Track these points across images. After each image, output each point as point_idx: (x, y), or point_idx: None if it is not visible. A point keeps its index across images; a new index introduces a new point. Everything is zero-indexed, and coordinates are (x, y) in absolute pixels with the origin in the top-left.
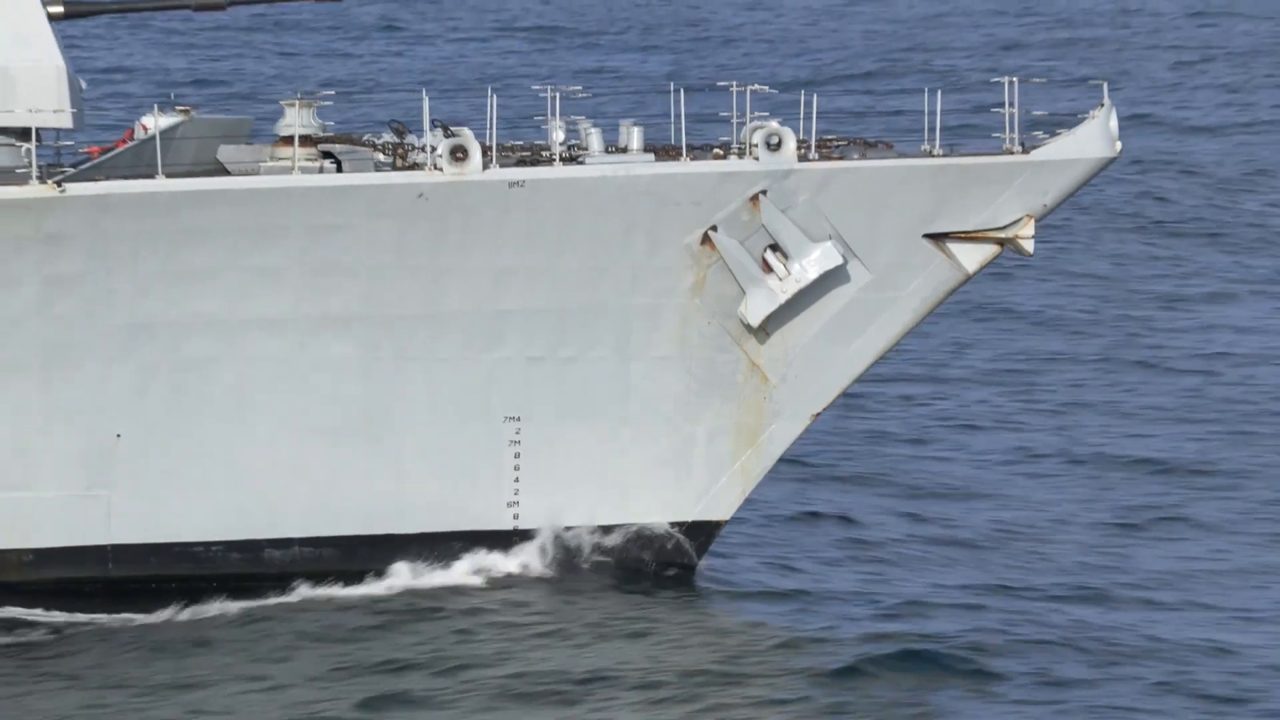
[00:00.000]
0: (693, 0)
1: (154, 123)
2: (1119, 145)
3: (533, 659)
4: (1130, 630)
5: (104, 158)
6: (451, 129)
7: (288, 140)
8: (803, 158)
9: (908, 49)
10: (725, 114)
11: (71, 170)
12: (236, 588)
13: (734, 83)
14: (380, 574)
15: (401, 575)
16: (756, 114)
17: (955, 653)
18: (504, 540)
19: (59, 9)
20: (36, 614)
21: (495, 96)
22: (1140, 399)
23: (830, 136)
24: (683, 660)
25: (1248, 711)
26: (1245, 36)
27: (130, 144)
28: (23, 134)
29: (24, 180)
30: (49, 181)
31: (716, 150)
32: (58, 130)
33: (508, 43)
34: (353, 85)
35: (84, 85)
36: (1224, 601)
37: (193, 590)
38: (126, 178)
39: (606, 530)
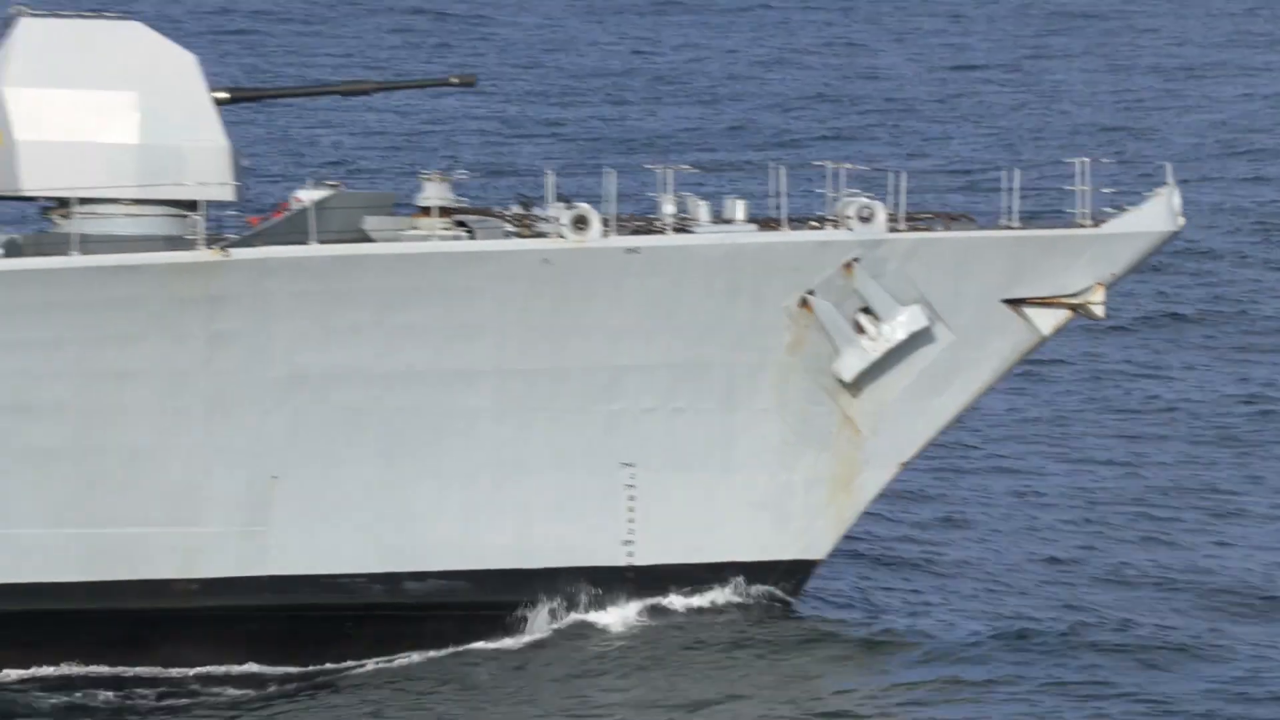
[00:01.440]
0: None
1: (308, 196)
2: (1181, 220)
3: (638, 688)
4: None
5: (263, 226)
6: (573, 202)
7: (426, 211)
8: (892, 229)
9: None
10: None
11: (235, 237)
12: (378, 617)
13: (828, 161)
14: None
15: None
16: (851, 192)
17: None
18: (618, 575)
19: (225, 95)
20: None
21: (614, 175)
22: None
23: (917, 211)
24: (779, 690)
25: None
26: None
27: (286, 214)
28: (191, 206)
29: (192, 246)
30: (214, 247)
31: (813, 222)
32: (222, 202)
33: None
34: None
35: (245, 162)
36: None
37: (337, 619)
38: (283, 244)
39: (711, 567)
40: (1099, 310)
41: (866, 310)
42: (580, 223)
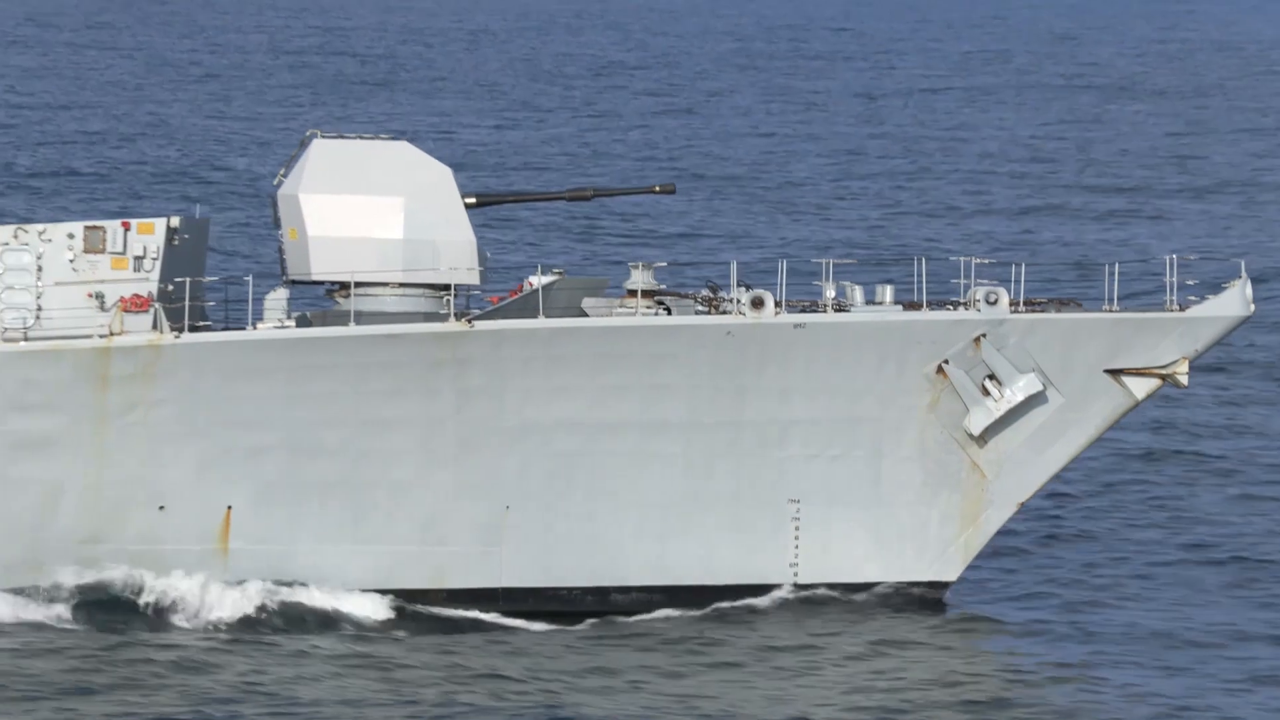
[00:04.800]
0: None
1: (537, 280)
2: (1253, 306)
3: (795, 681)
4: None
5: (501, 305)
6: (752, 286)
7: (633, 293)
8: (1013, 311)
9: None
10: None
11: (478, 313)
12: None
13: (961, 256)
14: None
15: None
16: (979, 280)
17: None
18: (787, 592)
19: (472, 200)
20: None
21: (785, 263)
22: None
23: (1034, 297)
24: (917, 680)
25: None
26: None
27: (520, 295)
28: (444, 288)
29: (444, 319)
30: (462, 321)
31: (948, 304)
32: (469, 285)
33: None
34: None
35: (488, 255)
36: None
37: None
38: (517, 318)
39: (861, 586)
40: (1184, 379)
41: (992, 377)
42: (757, 303)
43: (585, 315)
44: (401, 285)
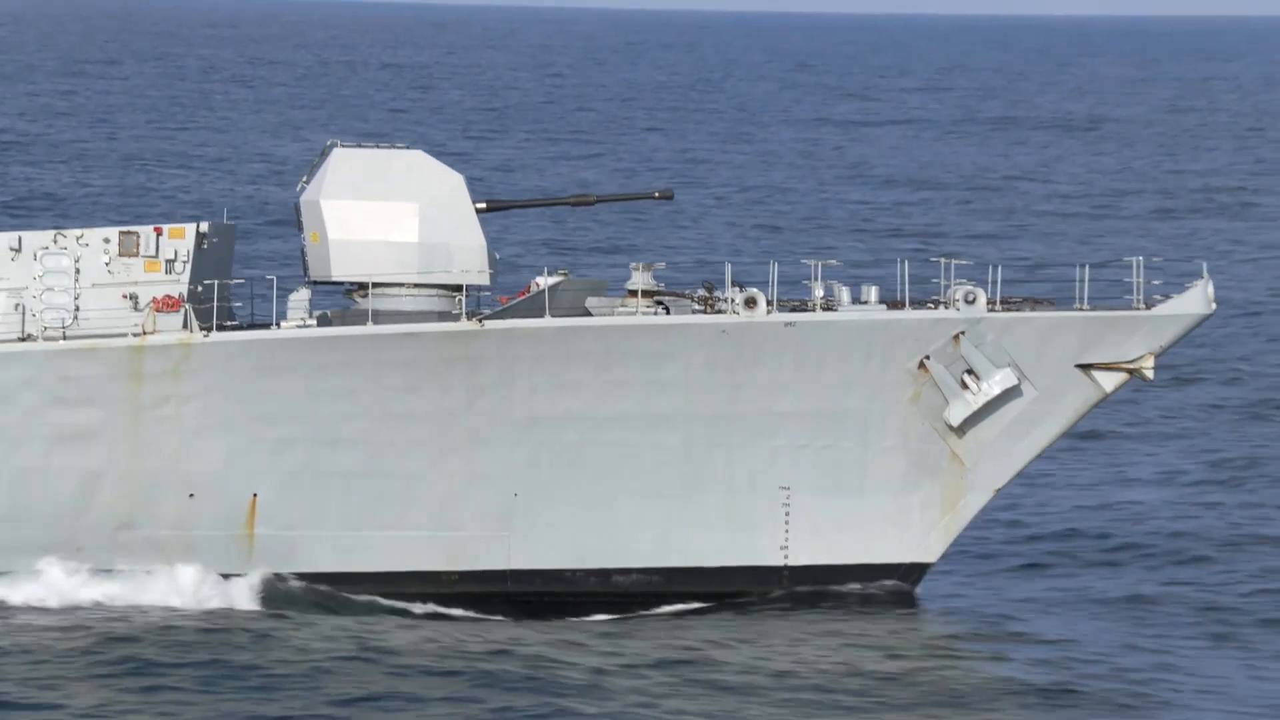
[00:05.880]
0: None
1: (543, 281)
2: (1214, 305)
3: (786, 656)
4: None
5: (510, 304)
6: (745, 286)
7: (633, 293)
8: (990, 309)
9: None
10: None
11: (489, 312)
12: (591, 604)
13: (942, 257)
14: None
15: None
16: (958, 280)
17: None
18: (777, 573)
19: (483, 205)
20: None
21: (776, 265)
22: None
23: (1009, 296)
24: (894, 665)
25: None
26: None
27: (527, 296)
28: (456, 288)
29: (456, 319)
30: (473, 320)
31: (929, 303)
32: (479, 286)
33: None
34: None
35: (498, 256)
36: None
37: (562, 604)
38: (525, 317)
39: (848, 568)
40: (1149, 374)
41: (970, 371)
42: (750, 302)
43: (589, 314)
44: (416, 286)
